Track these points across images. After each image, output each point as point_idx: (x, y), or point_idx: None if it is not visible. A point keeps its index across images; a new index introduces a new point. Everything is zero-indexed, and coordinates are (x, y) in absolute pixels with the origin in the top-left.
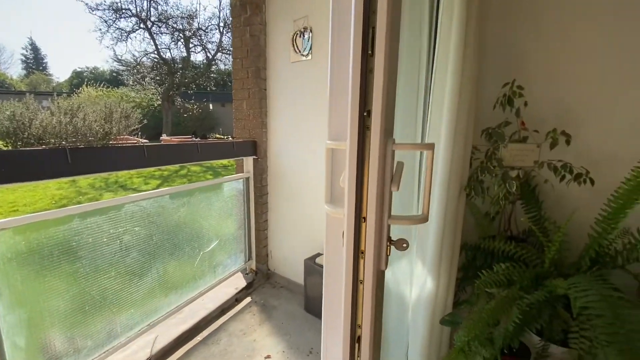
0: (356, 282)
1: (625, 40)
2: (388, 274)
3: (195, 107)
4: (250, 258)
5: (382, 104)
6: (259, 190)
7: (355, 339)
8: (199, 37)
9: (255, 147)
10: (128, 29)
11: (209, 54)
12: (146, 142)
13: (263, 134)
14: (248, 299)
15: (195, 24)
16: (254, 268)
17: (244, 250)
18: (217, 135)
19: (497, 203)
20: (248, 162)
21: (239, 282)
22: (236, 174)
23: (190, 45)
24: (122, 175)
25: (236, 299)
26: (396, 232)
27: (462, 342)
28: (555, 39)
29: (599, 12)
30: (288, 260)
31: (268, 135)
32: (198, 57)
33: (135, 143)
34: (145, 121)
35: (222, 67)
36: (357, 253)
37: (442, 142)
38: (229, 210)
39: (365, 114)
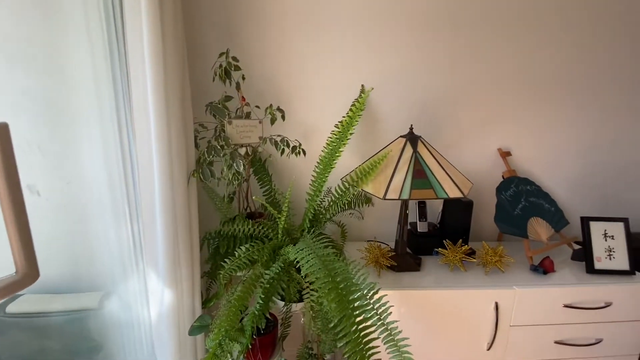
0: None
1: (323, 31)
2: (113, 305)
3: None
4: None
5: None
6: None
7: None
8: None
9: None
10: None
11: None
12: None
13: None
14: None
15: None
16: None
17: None
18: None
19: (231, 184)
20: None
21: None
22: None
23: None
24: None
25: None
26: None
27: (214, 346)
28: (266, 16)
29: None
30: None
31: None
32: None
33: None
34: None
35: None
36: None
37: (152, 123)
38: None
39: None
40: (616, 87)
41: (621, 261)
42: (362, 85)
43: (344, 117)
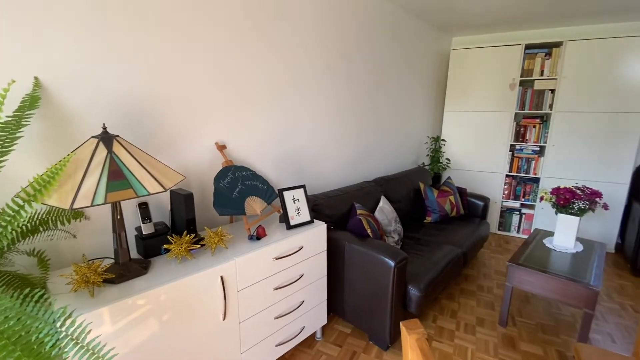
0: None
1: None
2: None
3: None
4: None
5: None
6: None
7: None
8: None
9: None
10: None
11: None
12: None
13: None
14: None
15: None
16: None
17: None
18: None
19: None
20: None
21: None
22: None
23: None
24: None
25: None
26: None
27: None
28: None
29: None
30: None
31: None
32: None
33: None
34: None
35: None
36: None
37: None
38: None
39: None
40: (296, 91)
41: (305, 215)
42: (36, 78)
43: None
